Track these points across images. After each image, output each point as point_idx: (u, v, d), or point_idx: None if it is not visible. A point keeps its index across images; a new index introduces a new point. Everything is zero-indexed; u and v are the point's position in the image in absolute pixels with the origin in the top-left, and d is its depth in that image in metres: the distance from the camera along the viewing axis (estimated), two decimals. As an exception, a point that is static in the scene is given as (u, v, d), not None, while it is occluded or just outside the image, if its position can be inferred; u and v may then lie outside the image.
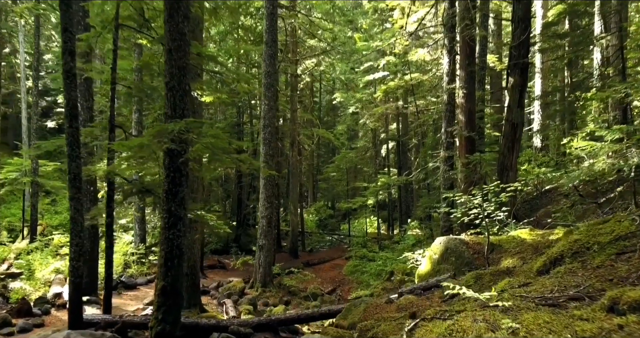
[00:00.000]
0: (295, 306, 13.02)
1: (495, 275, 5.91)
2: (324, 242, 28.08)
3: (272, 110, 13.69)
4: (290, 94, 20.79)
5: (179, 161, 5.96)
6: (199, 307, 10.69)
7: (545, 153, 22.23)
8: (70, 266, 7.27)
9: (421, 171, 13.34)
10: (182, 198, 6.08)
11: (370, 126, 25.28)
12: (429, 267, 7.91)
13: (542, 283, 4.04)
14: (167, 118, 5.99)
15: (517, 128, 11.36)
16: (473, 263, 7.34)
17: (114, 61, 8.31)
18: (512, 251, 7.09)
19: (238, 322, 7.45)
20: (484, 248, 7.47)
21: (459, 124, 11.99)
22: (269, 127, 13.51)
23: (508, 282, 4.48)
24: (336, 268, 18.80)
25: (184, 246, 6.12)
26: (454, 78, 12.62)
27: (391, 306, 6.50)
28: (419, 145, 24.28)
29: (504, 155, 11.37)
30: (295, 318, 7.34)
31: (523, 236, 7.60)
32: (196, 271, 10.64)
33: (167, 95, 6.06)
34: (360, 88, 25.15)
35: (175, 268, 5.96)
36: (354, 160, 27.00)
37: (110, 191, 8.11)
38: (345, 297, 14.46)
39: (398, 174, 23.83)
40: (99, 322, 7.63)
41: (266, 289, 13.41)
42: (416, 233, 20.30)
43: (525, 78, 11.60)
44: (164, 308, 5.82)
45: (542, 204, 14.03)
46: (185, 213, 6.18)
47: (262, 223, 13.61)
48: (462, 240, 7.75)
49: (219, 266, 17.38)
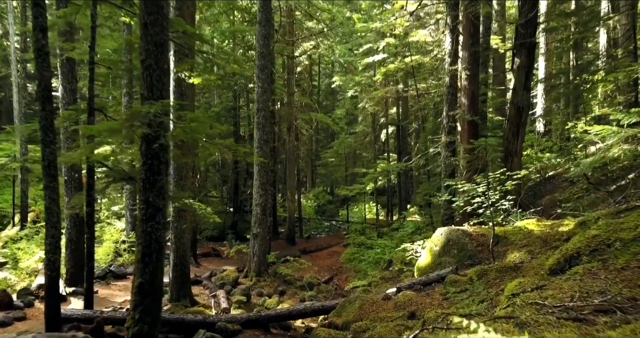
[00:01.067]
0: (291, 296, 12.64)
1: (502, 272, 5.44)
2: (322, 228, 27.69)
3: (267, 93, 13.10)
4: (287, 77, 20.14)
5: (156, 147, 5.44)
6: (189, 298, 10.30)
7: (549, 138, 21.69)
8: (46, 259, 6.81)
9: (421, 157, 12.80)
10: (161, 187, 5.57)
11: (369, 110, 24.66)
12: (429, 260, 7.45)
13: (559, 287, 3.55)
14: (143, 100, 5.44)
15: (522, 111, 10.80)
16: (476, 256, 6.87)
17: (92, 39, 7.71)
18: (519, 243, 6.61)
19: (226, 318, 7.02)
20: (489, 240, 6.99)
21: (461, 108, 11.42)
22: (262, 111, 12.94)
23: (519, 284, 3.99)
24: (334, 256, 18.41)
25: (163, 239, 5.62)
26: (457, 59, 12.01)
27: (388, 303, 6.04)
28: (419, 130, 23.69)
29: (508, 140, 10.83)
30: (286, 315, 6.90)
31: (530, 227, 7.11)
32: (186, 262, 10.20)
33: (143, 74, 5.49)
34: (359, 71, 24.46)
35: (153, 263, 5.48)
36: (353, 145, 26.43)
37: (90, 179, 7.60)
38: (342, 286, 14.07)
39: (398, 160, 23.30)
40: (79, 318, 7.20)
41: (261, 278, 13.01)
42: (415, 220, 19.87)
43: (532, 59, 11.00)
44: (141, 308, 5.35)
45: (547, 191, 13.51)
46: (165, 204, 5.67)
47: (256, 210, 13.13)
48: (464, 231, 7.27)
49: (213, 254, 16.96)
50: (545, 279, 4.02)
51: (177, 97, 10.01)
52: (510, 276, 5.24)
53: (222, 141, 5.77)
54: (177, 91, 10.02)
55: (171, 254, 10.17)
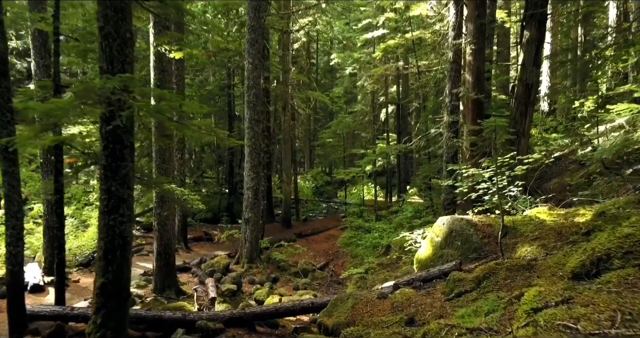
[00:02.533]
0: (284, 283, 12.10)
1: (513, 270, 4.79)
2: (319, 210, 27.13)
3: (258, 69, 12.29)
4: (282, 53, 19.22)
5: (119, 129, 4.72)
6: (175, 288, 9.73)
7: (554, 118, 20.91)
8: (6, 252, 6.16)
9: (422, 139, 12.08)
10: (125, 175, 4.88)
11: (368, 88, 23.78)
12: (429, 252, 6.81)
13: (591, 302, 2.89)
14: (102, 73, 4.70)
15: (531, 89, 10.05)
16: (482, 248, 6.23)
17: (55, 6, 6.90)
18: (530, 235, 5.95)
19: (207, 316, 6.42)
20: (496, 231, 6.34)
21: (465, 85, 10.65)
22: (254, 88, 12.16)
23: (538, 294, 3.33)
24: (330, 239, 17.84)
25: (129, 234, 4.96)
26: (461, 33, 11.16)
27: (384, 303, 5.42)
28: (420, 109, 22.86)
29: (515, 120, 10.10)
30: (272, 312, 6.31)
31: (541, 216, 6.45)
32: (170, 250, 9.58)
33: (102, 44, 4.74)
34: (358, 47, 23.49)
35: (117, 261, 4.83)
36: (352, 125, 25.61)
37: (57, 163, 6.90)
38: (338, 272, 13.53)
39: (397, 140, 22.54)
40: (47, 315, 6.60)
41: (253, 265, 12.43)
42: (415, 202, 19.25)
43: (543, 32, 10.19)
44: (104, 311, 4.72)
45: (553, 174, 12.78)
46: (130, 194, 4.99)
47: (247, 194, 12.47)
48: (469, 220, 6.61)
49: (205, 238, 16.36)
50: (570, 288, 3.36)
51: (158, 73, 9.23)
52: (523, 277, 4.60)
53: (195, 123, 5.05)
54: (157, 67, 9.24)
55: (155, 242, 9.55)
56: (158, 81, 9.19)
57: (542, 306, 3.09)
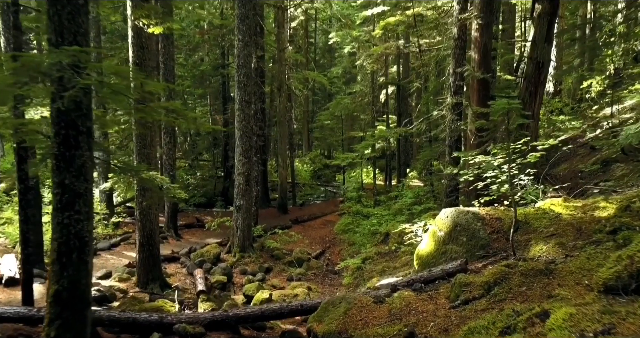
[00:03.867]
0: (277, 274, 11.55)
1: (529, 276, 4.16)
2: (317, 194, 26.54)
3: (248, 47, 11.49)
4: (277, 31, 18.32)
5: (74, 112, 4.04)
6: (160, 281, 9.16)
7: (560, 99, 20.13)
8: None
9: (423, 121, 11.35)
10: (81, 165, 4.21)
11: (368, 68, 22.89)
12: (432, 247, 6.19)
13: (641, 334, 2.25)
14: (51, 46, 3.98)
15: (542, 67, 9.31)
16: (490, 246, 5.60)
17: (13, -27, 6.13)
18: (545, 231, 5.32)
19: (187, 318, 5.83)
20: (505, 226, 5.71)
21: (471, 64, 9.88)
22: (244, 67, 11.38)
23: (569, 317, 2.70)
24: (327, 225, 17.28)
25: (88, 233, 4.32)
26: (467, 6, 10.34)
27: (381, 309, 4.81)
28: (421, 90, 22.03)
29: (524, 101, 9.36)
30: (257, 315, 5.72)
31: (556, 209, 5.81)
32: (154, 241, 8.97)
33: (49, 12, 4.01)
34: (356, 25, 22.51)
35: (74, 265, 4.20)
36: (350, 107, 24.74)
37: (19, 150, 6.24)
38: (335, 261, 12.99)
39: (398, 122, 21.78)
40: (11, 317, 6.02)
41: (245, 254, 11.87)
42: (415, 186, 18.63)
43: (556, 5, 9.38)
44: (58, 322, 4.11)
45: (561, 159, 12.10)
46: (88, 187, 4.33)
47: (239, 180, 11.83)
48: (475, 214, 5.96)
49: (197, 225, 15.75)
50: (608, 310, 2.72)
51: (137, 50, 8.47)
52: (541, 284, 3.97)
53: (159, 104, 4.35)
54: (136, 44, 8.47)
55: (137, 233, 8.94)
56: (137, 59, 8.45)
57: (578, 336, 2.46)
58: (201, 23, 22.74)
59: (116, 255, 11.65)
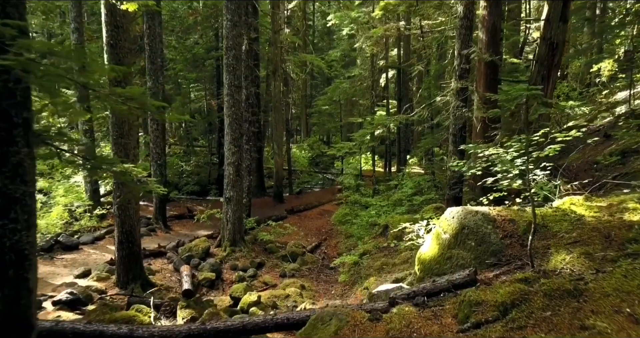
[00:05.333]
0: (270, 269, 10.94)
1: (554, 298, 3.48)
2: (315, 181, 25.88)
3: (237, 27, 10.67)
4: (272, 12, 17.41)
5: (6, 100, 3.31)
6: (142, 280, 8.53)
7: (568, 83, 19.30)
8: None
9: (425, 108, 10.59)
10: (17, 164, 3.49)
11: (367, 51, 22.02)
12: (435, 251, 5.51)
13: None
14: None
15: (557, 49, 8.51)
16: (503, 252, 4.91)
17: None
18: (566, 237, 4.63)
19: (160, 332, 5.19)
20: (520, 230, 5.02)
21: (478, 45, 9.09)
22: (233, 49, 10.59)
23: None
24: (324, 216, 16.66)
25: (28, 245, 3.62)
26: (474, -17, 9.51)
27: (377, 328, 4.15)
28: (422, 74, 21.16)
29: (535, 86, 8.61)
30: (239, 328, 5.07)
31: (578, 209, 5.12)
32: (134, 238, 8.31)
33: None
34: (355, 6, 21.56)
35: (11, 284, 3.51)
36: (349, 91, 23.89)
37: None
38: (331, 255, 12.38)
39: (398, 107, 21.00)
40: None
41: (236, 248, 11.24)
42: (416, 174, 17.94)
43: (573, -20, 8.56)
44: (-8, 352, 3.46)
45: (571, 148, 11.32)
46: (28, 191, 3.62)
47: (228, 171, 11.14)
48: (485, 215, 5.27)
49: (188, 215, 15.08)
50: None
51: (111, 30, 7.69)
52: (570, 309, 3.30)
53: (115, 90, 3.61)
54: (110, 23, 7.68)
55: (115, 229, 8.28)
56: (111, 39, 7.68)
57: None
58: (194, 4, 21.83)
59: (100, 249, 11.01)
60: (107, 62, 7.75)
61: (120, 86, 7.85)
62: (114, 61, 7.69)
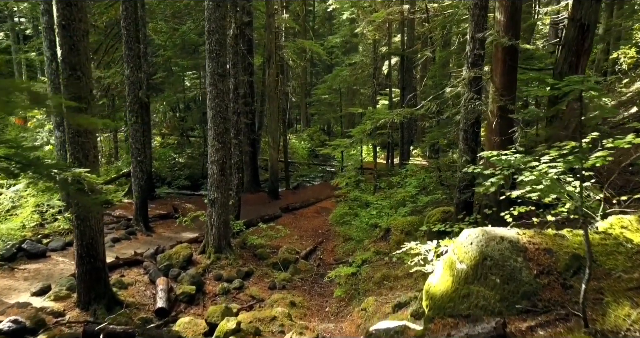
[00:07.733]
0: (259, 279, 9.87)
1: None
2: (314, 174, 24.75)
3: (221, 8, 9.43)
4: (266, -6, 16.12)
5: None
6: (107, 299, 7.48)
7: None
8: None
9: (433, 100, 9.37)
10: None
11: (369, 37, 20.65)
12: (449, 284, 4.38)
13: None
14: None
15: (587, 31, 7.31)
16: (538, 295, 3.78)
17: None
18: (625, 278, 3.49)
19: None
20: (560, 264, 3.88)
21: (495, 28, 7.84)
22: (215, 33, 9.37)
23: None
24: (322, 214, 15.57)
25: None
26: (490, -45, 8.23)
27: None
28: (427, 61, 19.84)
29: (561, 75, 7.39)
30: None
31: (632, 236, 3.97)
32: (96, 252, 7.19)
33: None
34: (356, -13, 20.18)
35: None
36: (349, 80, 22.59)
37: None
38: (327, 261, 11.31)
39: (401, 97, 19.72)
40: None
41: (221, 255, 10.16)
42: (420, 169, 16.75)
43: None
44: None
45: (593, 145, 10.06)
46: None
47: (212, 170, 10.00)
48: (513, 242, 4.11)
49: (173, 215, 13.94)
50: None
51: (63, 8, 6.50)
52: None
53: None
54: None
55: (74, 242, 7.17)
56: (63, 20, 6.49)
57: None
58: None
59: (69, 256, 9.92)
60: (60, 47, 6.58)
61: (82, 81, 6.70)
62: (68, 45, 6.52)
